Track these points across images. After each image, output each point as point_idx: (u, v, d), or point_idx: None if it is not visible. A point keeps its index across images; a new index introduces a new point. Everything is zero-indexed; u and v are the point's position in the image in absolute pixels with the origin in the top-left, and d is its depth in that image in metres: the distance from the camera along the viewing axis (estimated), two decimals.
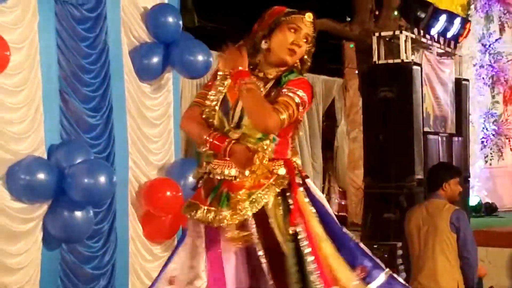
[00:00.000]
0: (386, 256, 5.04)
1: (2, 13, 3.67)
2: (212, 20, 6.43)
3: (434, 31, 6.43)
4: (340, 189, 8.88)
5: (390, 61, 5.93)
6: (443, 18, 6.44)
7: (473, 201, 7.83)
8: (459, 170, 4.39)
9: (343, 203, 8.80)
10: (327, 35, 7.18)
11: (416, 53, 6.38)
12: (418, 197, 5.44)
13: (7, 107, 3.69)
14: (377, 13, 7.38)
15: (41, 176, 3.70)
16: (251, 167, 2.17)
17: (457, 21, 6.72)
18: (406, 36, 5.97)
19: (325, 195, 8.46)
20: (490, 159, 8.93)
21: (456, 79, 6.95)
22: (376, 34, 6.05)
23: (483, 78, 8.93)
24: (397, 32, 5.98)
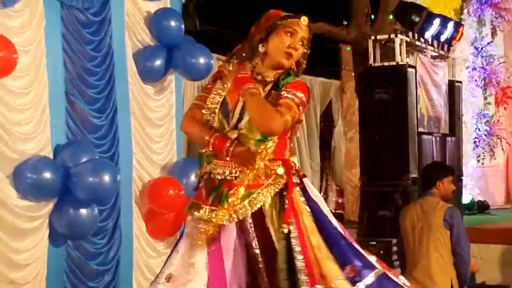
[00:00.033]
0: (381, 253, 5.07)
1: (10, 17, 3.69)
2: (213, 24, 6.42)
3: (428, 35, 6.39)
4: (337, 188, 8.84)
5: (386, 64, 5.90)
6: (437, 22, 6.42)
7: (466, 199, 7.81)
8: (452, 169, 4.43)
9: (340, 201, 8.76)
10: (324, 39, 7.15)
11: (410, 56, 6.35)
12: (412, 195, 5.43)
13: (14, 108, 3.71)
14: (372, 17, 7.43)
15: (47, 175, 3.72)
16: (252, 167, 2.20)
17: (451, 25, 6.68)
18: (401, 40, 5.94)
19: (322, 194, 8.54)
20: (483, 159, 8.85)
21: (449, 81, 6.89)
22: (372, 38, 6.02)
23: (475, 80, 8.89)
24: (392, 36, 5.96)
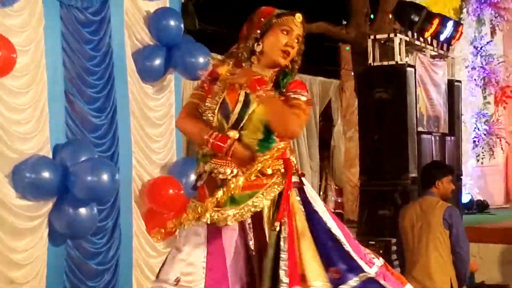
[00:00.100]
0: (381, 252, 5.07)
1: (9, 16, 3.70)
2: (212, 24, 6.42)
3: (427, 34, 6.36)
4: (337, 187, 8.84)
5: (385, 63, 5.89)
6: (436, 21, 6.41)
7: (465, 198, 7.80)
8: (451, 168, 4.44)
9: (339, 200, 8.76)
10: (324, 38, 7.07)
11: (410, 55, 6.33)
12: (412, 195, 5.42)
13: (13, 108, 3.72)
14: (372, 16, 7.43)
15: (46, 174, 3.73)
16: (253, 166, 2.19)
17: (450, 24, 6.65)
18: (401, 39, 5.94)
19: (322, 193, 8.53)
20: (482, 158, 8.85)
21: (448, 80, 6.89)
22: (371, 37, 6.01)
23: (475, 79, 8.87)
24: (391, 35, 5.96)
